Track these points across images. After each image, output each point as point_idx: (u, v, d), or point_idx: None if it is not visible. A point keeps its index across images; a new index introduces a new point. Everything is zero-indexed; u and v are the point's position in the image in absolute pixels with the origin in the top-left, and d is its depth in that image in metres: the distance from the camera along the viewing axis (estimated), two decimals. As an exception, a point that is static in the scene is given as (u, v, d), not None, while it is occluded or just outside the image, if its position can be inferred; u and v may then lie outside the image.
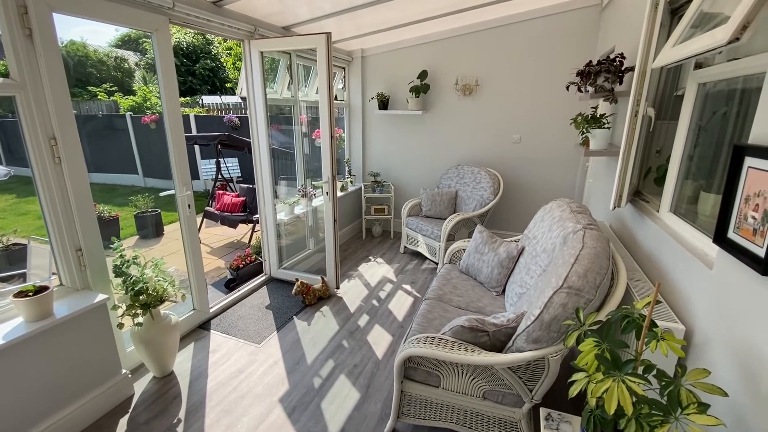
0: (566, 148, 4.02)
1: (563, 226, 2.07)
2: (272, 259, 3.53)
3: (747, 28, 1.09)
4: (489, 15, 3.87)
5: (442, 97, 4.36)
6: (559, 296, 1.39)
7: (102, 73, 13.28)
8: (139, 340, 2.14)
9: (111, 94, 10.36)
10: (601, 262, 1.50)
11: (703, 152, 1.71)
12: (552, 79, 3.89)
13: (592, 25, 3.69)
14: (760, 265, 0.97)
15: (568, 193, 4.15)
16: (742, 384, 1.03)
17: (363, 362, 2.43)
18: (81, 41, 13.22)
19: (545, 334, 1.41)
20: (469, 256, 2.68)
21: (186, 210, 2.55)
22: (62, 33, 13.16)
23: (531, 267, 2.20)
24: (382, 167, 4.90)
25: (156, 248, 5.26)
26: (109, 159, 8.94)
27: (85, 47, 13.20)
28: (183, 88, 15.32)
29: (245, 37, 2.96)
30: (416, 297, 3.28)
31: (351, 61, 4.65)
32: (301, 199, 3.83)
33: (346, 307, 3.10)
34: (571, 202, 2.33)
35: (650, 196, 2.07)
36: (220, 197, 5.22)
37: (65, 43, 13.49)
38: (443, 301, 2.33)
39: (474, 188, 4.01)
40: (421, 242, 4.00)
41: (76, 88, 11.33)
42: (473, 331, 1.60)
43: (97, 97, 10.48)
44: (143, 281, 2.05)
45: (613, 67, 2.37)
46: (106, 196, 8.18)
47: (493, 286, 2.50)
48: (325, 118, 2.87)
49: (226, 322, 2.85)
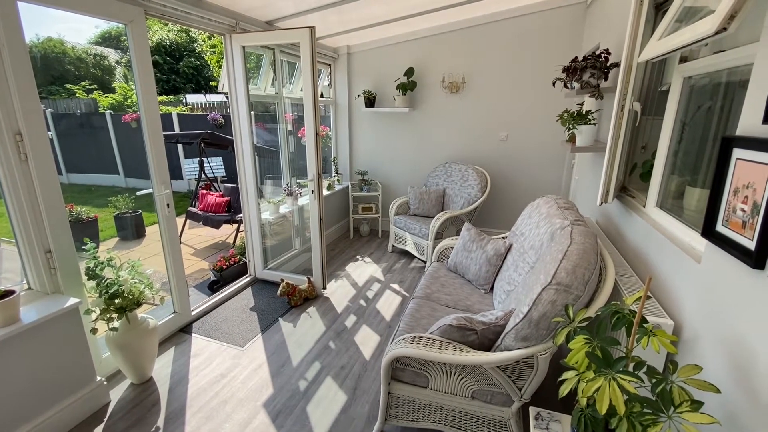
0: (553, 145, 4.03)
1: (551, 222, 2.05)
2: (257, 259, 3.44)
3: (734, 17, 1.07)
4: (475, 12, 3.85)
5: (429, 94, 4.33)
6: (548, 293, 1.36)
7: (81, 70, 12.88)
8: (114, 345, 2.05)
9: (90, 92, 10.04)
10: (589, 258, 1.48)
11: (688, 147, 1.71)
12: (538, 76, 3.90)
13: (578, 22, 3.70)
14: (750, 258, 0.95)
15: (555, 190, 4.16)
16: (733, 380, 1.02)
17: (350, 363, 2.38)
18: (59, 38, 12.81)
19: (534, 331, 1.38)
20: (457, 254, 2.65)
21: (165, 210, 2.46)
22: (39, 30, 12.75)
23: (519, 264, 2.17)
24: (369, 165, 4.85)
25: (137, 250, 5.11)
26: (88, 159, 8.68)
27: (62, 44, 12.80)
28: (166, 87, 14.98)
29: (226, 31, 2.88)
30: (404, 296, 3.24)
31: (337, 58, 4.58)
32: (286, 198, 3.75)
33: (333, 307, 3.04)
34: (558, 198, 2.32)
35: (636, 191, 2.06)
36: (204, 197, 5.10)
37: (42, 40, 13.07)
38: (431, 300, 2.30)
39: (462, 186, 3.99)
40: (409, 241, 3.96)
41: (53, 86, 10.96)
42: (461, 329, 1.56)
43: (75, 96, 10.15)
44: (118, 284, 1.96)
45: (598, 63, 2.36)
46: (86, 196, 7.94)
47: (481, 283, 2.47)
48: (309, 116, 2.81)
49: (208, 325, 2.76)
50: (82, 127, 8.64)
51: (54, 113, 8.86)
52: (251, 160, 3.17)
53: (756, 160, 0.97)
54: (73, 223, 4.93)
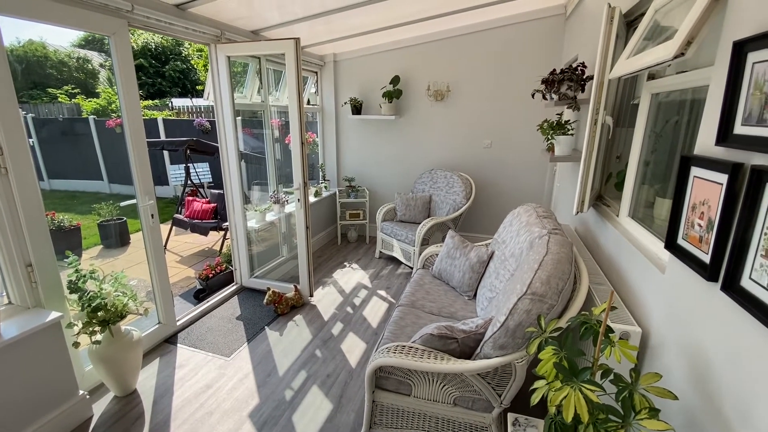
0: (535, 153, 4.12)
1: (530, 230, 2.11)
2: (243, 267, 3.44)
3: (691, 43, 1.14)
4: (459, 22, 3.93)
5: (415, 102, 4.39)
6: (523, 302, 1.41)
7: (63, 74, 12.65)
8: (97, 358, 2.03)
9: (73, 96, 9.86)
10: (563, 268, 1.54)
11: (658, 159, 1.79)
12: (520, 86, 3.99)
13: (558, 34, 3.81)
14: (705, 271, 1.01)
15: (537, 197, 4.25)
16: (692, 385, 1.08)
17: (336, 372, 2.40)
18: (40, 41, 12.57)
19: (511, 340, 1.42)
20: (441, 261, 2.70)
21: (149, 220, 2.45)
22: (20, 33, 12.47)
23: (500, 271, 2.23)
24: (356, 172, 4.88)
25: (122, 258, 5.05)
26: (71, 165, 8.52)
27: (44, 47, 12.56)
28: (152, 91, 14.79)
29: (211, 41, 2.89)
30: (391, 302, 3.28)
31: (323, 66, 4.61)
32: (273, 206, 3.76)
33: (320, 315, 3.06)
34: (537, 206, 2.38)
35: (611, 200, 2.14)
36: (190, 204, 5.06)
37: (23, 43, 12.80)
38: (416, 308, 2.34)
39: (447, 192, 4.05)
40: (396, 247, 4.00)
41: (34, 90, 10.73)
42: (442, 338, 1.60)
43: (57, 100, 9.96)
44: (101, 297, 1.95)
45: (575, 76, 2.44)
46: (68, 203, 7.79)
47: (464, 290, 2.53)
48: (295, 125, 2.83)
49: (194, 335, 2.76)
50: (65, 133, 8.48)
51: (35, 118, 8.68)
52: (237, 170, 3.18)
53: (710, 179, 1.03)
54: (54, 231, 4.85)
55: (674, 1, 1.42)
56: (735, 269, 0.91)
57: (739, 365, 0.90)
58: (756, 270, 0.85)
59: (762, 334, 0.83)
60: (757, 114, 0.86)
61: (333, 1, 2.86)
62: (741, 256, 0.89)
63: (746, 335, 0.88)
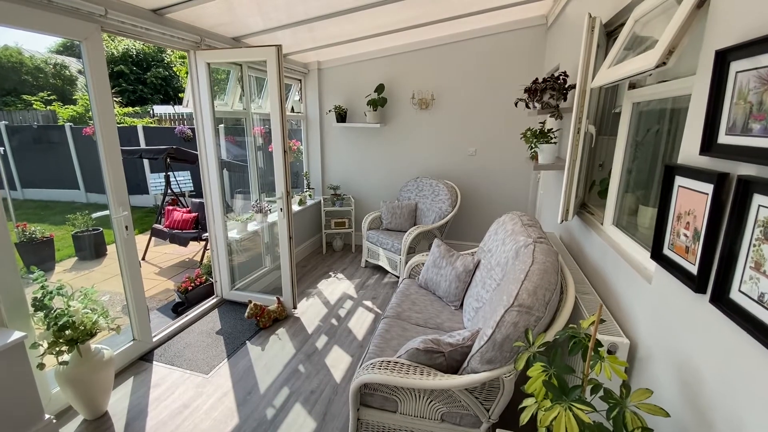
0: (519, 160, 4.15)
1: (515, 239, 2.09)
2: (224, 280, 3.34)
3: (673, 53, 1.14)
4: (443, 32, 3.96)
5: (400, 110, 4.38)
6: (510, 315, 1.38)
7: (39, 80, 12.29)
8: (65, 380, 1.91)
9: (49, 103, 9.56)
10: (550, 278, 1.52)
11: (640, 167, 1.80)
12: (503, 94, 4.02)
13: (539, 44, 3.86)
14: (693, 283, 0.99)
15: (522, 204, 4.27)
16: (682, 399, 1.05)
17: (320, 387, 2.32)
18: (15, 46, 12.20)
19: (498, 354, 1.39)
20: (427, 271, 2.66)
21: (123, 233, 2.34)
22: (-7, 38, 12.09)
23: (486, 281, 2.20)
24: (341, 180, 4.83)
25: (97, 270, 4.85)
26: (46, 173, 8.22)
27: (20, 53, 12.19)
28: (133, 98, 14.50)
29: (190, 47, 2.82)
30: (377, 313, 3.21)
31: (307, 73, 4.57)
32: (255, 215, 3.68)
33: (303, 328, 2.97)
34: (522, 215, 2.37)
35: (595, 208, 2.14)
36: (170, 213, 4.92)
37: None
38: (402, 319, 2.28)
39: (433, 200, 4.03)
40: (382, 256, 3.95)
41: (8, 96, 10.37)
42: (428, 352, 1.55)
43: (32, 107, 9.65)
44: (68, 314, 1.84)
45: (557, 85, 2.46)
46: (42, 214, 7.50)
47: (451, 300, 2.49)
48: (277, 133, 2.78)
49: (171, 351, 2.64)
50: (40, 140, 8.20)
51: (8, 126, 8.38)
52: (217, 178, 3.09)
53: (695, 189, 1.02)
54: (25, 243, 4.64)
55: (653, 11, 1.43)
56: (724, 281, 0.89)
57: (730, 378, 0.88)
58: (745, 282, 0.83)
59: (753, 348, 0.81)
60: (742, 123, 0.85)
61: (316, 9, 2.83)
62: (729, 267, 0.87)
63: (737, 348, 0.86)
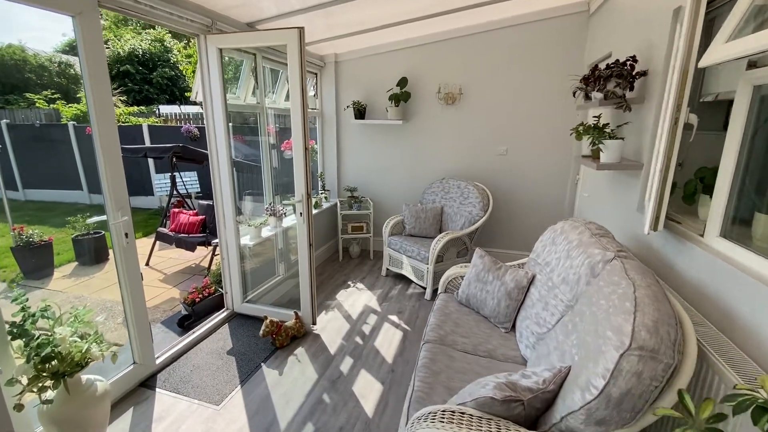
0: (554, 159, 3.81)
1: (587, 252, 1.75)
2: (235, 291, 3.01)
3: None
4: (472, 20, 3.63)
5: (424, 106, 4.05)
6: (629, 361, 1.03)
7: (43, 79, 12.08)
8: (49, 420, 1.59)
9: (52, 101, 9.33)
10: (665, 308, 1.17)
11: (755, 165, 1.45)
12: (538, 88, 3.69)
13: (579, 33, 3.52)
14: None
15: (557, 207, 3.92)
16: None
17: (350, 423, 1.99)
18: (19, 44, 12.01)
19: (615, 414, 1.04)
20: (469, 286, 2.32)
21: (122, 241, 2.02)
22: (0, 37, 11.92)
23: (549, 301, 1.86)
24: (359, 181, 4.50)
25: (98, 276, 4.55)
26: (48, 174, 7.96)
27: (23, 51, 11.99)
28: (139, 98, 14.31)
29: (200, 31, 2.50)
30: (405, 330, 2.88)
31: (324, 67, 4.25)
32: (269, 219, 3.35)
33: (324, 347, 2.64)
34: (588, 222, 2.03)
35: (681, 216, 1.79)
36: (176, 216, 4.61)
37: (2, 47, 12.22)
38: (446, 344, 1.95)
39: (461, 204, 3.69)
40: (406, 264, 3.61)
41: (11, 95, 10.16)
42: (506, 402, 1.21)
43: (35, 105, 9.41)
44: (53, 343, 1.52)
45: (625, 71, 2.12)
46: (44, 215, 7.24)
47: (500, 321, 2.15)
48: (298, 128, 2.45)
49: (176, 375, 2.31)
50: (42, 140, 7.95)
51: (10, 124, 8.14)
52: (229, 180, 2.77)
53: None
54: (22, 248, 4.35)
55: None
56: None
57: None
58: None
59: None
60: None
61: (338, -11, 2.52)
62: None
63: None
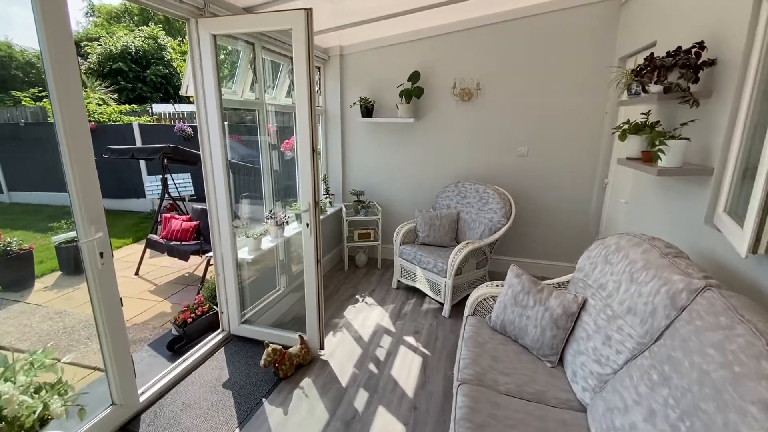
0: (579, 161, 3.50)
1: (662, 278, 1.44)
2: (232, 310, 2.67)
3: None
4: (490, 9, 3.32)
5: (438, 102, 3.73)
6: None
7: (30, 76, 11.63)
8: (-3, 495, 1.26)
9: (39, 99, 8.93)
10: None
11: None
12: (561, 83, 3.38)
13: (609, 22, 3.21)
14: None
15: (583, 214, 3.61)
16: None
17: (370, 478, 1.66)
18: (5, 40, 11.56)
19: None
20: (504, 310, 2.00)
21: (96, 263, 1.68)
22: (-17, 31, 11.47)
23: (611, 334, 1.54)
24: (366, 185, 4.17)
25: (83, 287, 4.19)
26: (34, 174, 7.57)
27: (9, 47, 11.55)
28: (131, 96, 13.92)
29: (191, 14, 2.16)
30: (424, 354, 2.55)
31: (328, 60, 3.92)
32: (269, 228, 3.01)
33: (335, 377, 2.31)
34: (651, 238, 1.71)
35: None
36: (168, 222, 4.26)
37: (-12, 43, 11.77)
38: (485, 386, 1.63)
39: (480, 210, 3.37)
40: (420, 276, 3.29)
41: (-5, 92, 9.76)
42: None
43: (21, 103, 9.00)
44: (-2, 403, 1.18)
45: (690, 60, 1.81)
46: (29, 219, 6.85)
47: (545, 354, 1.83)
48: (304, 126, 2.12)
49: (164, 416, 1.98)
50: (28, 139, 7.56)
51: (-6, 122, 7.74)
52: (224, 184, 2.43)
53: None
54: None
55: None
56: None
57: None
58: None
59: None
60: None
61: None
62: None
63: None
